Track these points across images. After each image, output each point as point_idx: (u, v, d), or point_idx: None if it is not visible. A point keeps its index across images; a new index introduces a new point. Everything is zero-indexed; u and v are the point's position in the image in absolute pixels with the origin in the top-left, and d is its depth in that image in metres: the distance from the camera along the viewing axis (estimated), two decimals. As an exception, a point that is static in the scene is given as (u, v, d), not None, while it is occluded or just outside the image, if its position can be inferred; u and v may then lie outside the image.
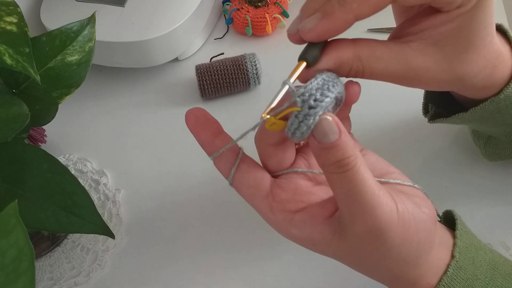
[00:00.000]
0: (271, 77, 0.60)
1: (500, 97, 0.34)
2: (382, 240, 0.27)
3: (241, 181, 0.30)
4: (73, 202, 0.38)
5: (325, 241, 0.29)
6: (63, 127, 0.59)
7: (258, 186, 0.30)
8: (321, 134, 0.26)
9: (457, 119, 0.39)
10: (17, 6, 0.36)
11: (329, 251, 0.30)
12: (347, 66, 0.28)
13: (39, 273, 0.48)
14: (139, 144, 0.57)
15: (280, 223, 0.30)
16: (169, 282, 0.47)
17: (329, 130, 0.26)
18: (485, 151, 0.46)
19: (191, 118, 0.31)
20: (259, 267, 0.46)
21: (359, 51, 0.28)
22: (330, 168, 0.26)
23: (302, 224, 0.29)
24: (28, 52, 0.35)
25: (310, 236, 0.29)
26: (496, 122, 0.38)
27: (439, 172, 0.50)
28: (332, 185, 0.27)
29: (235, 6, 0.64)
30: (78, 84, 0.41)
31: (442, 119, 0.40)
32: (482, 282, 0.30)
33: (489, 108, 0.35)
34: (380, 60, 0.28)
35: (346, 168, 0.26)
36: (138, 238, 0.50)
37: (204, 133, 0.31)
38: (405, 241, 0.28)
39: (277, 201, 0.30)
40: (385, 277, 0.31)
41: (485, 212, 0.46)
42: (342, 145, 0.26)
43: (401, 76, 0.29)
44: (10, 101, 0.37)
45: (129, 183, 0.54)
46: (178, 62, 0.64)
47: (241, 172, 0.30)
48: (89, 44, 0.41)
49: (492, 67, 0.32)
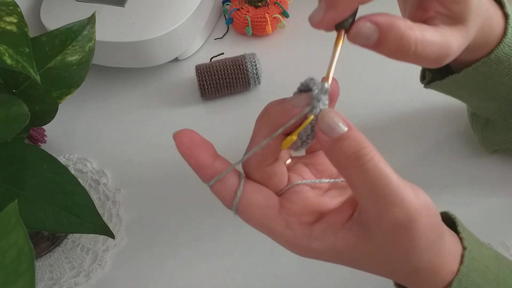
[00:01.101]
0: (271, 77, 0.60)
1: (491, 57, 0.36)
2: (413, 230, 0.26)
3: (250, 202, 0.28)
4: (73, 202, 0.38)
5: (350, 246, 0.27)
6: (63, 127, 0.59)
7: (269, 204, 0.28)
8: (330, 126, 0.25)
9: (450, 81, 0.39)
10: (17, 6, 0.36)
11: (354, 256, 0.28)
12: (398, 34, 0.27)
13: (39, 273, 0.48)
14: (139, 144, 0.57)
15: (299, 239, 0.28)
16: (169, 282, 0.47)
17: (337, 121, 0.25)
18: (482, 136, 0.46)
19: (186, 140, 0.28)
20: (259, 267, 0.46)
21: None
22: (348, 163, 0.25)
23: (323, 234, 0.28)
24: (28, 52, 0.35)
25: (333, 245, 0.27)
26: (490, 93, 0.39)
27: (439, 172, 0.50)
28: (353, 183, 0.26)
29: (235, 6, 0.64)
30: (78, 84, 0.41)
31: (436, 83, 0.40)
32: (493, 273, 0.30)
33: (481, 70, 0.37)
34: (429, 45, 0.28)
35: (366, 159, 0.25)
36: (138, 238, 0.50)
37: (203, 155, 0.28)
38: (430, 226, 0.27)
39: (292, 215, 0.28)
40: (408, 272, 0.30)
41: (485, 212, 0.46)
42: (354, 134, 0.25)
43: (440, 57, 0.29)
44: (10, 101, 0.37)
45: (129, 183, 0.54)
46: (178, 62, 0.64)
47: (248, 193, 0.28)
48: (89, 44, 0.41)
49: (486, 27, 0.34)
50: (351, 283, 0.44)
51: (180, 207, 0.51)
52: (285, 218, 0.28)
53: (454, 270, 0.30)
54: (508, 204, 0.47)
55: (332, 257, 0.28)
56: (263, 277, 0.46)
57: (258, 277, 0.46)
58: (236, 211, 0.28)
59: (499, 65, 0.36)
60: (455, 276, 0.29)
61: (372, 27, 0.27)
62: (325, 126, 0.25)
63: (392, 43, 0.27)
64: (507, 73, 0.37)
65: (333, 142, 0.25)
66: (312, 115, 0.26)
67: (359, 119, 0.53)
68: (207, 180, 0.28)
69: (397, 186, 0.25)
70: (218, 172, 0.28)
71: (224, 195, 0.28)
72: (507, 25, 0.35)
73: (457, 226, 0.32)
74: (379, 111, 0.55)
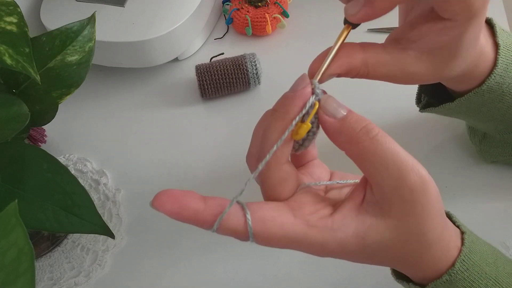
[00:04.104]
0: (271, 77, 0.60)
1: (483, 88, 0.36)
2: (427, 194, 0.27)
3: (264, 219, 0.26)
4: (73, 202, 0.38)
5: (372, 227, 0.27)
6: (63, 127, 0.59)
7: (281, 212, 0.27)
8: (333, 109, 0.27)
9: (444, 109, 0.40)
10: (17, 6, 0.36)
11: (376, 241, 0.28)
12: (355, 70, 0.30)
13: (39, 273, 0.48)
14: (139, 144, 0.57)
15: (324, 235, 0.27)
16: (169, 282, 0.47)
17: (338, 104, 0.28)
18: (480, 148, 0.47)
19: (168, 199, 0.26)
20: (259, 267, 0.46)
21: (367, 57, 0.30)
22: (360, 137, 0.26)
23: (343, 221, 0.27)
24: (28, 52, 0.35)
25: (356, 231, 0.27)
26: (484, 116, 0.39)
27: (439, 172, 0.49)
28: (367, 157, 0.27)
29: (235, 6, 0.64)
30: (78, 84, 0.41)
31: (431, 109, 0.41)
32: (492, 257, 0.31)
33: (474, 100, 0.37)
34: (383, 66, 0.31)
35: (375, 131, 0.27)
36: (138, 238, 0.50)
37: (193, 202, 0.26)
38: (437, 193, 0.28)
39: (309, 213, 0.28)
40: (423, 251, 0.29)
41: (485, 212, 0.46)
42: (357, 114, 0.27)
43: (398, 78, 0.32)
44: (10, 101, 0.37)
45: (129, 183, 0.54)
46: (178, 62, 0.64)
47: (256, 212, 0.26)
48: (89, 44, 0.41)
49: (474, 66, 0.34)
50: (351, 283, 0.44)
51: (180, 207, 0.51)
52: (304, 219, 0.27)
53: (458, 246, 0.30)
54: (508, 205, 0.47)
55: (357, 247, 0.28)
56: (263, 277, 0.46)
57: (258, 277, 0.46)
58: (253, 237, 0.26)
59: (491, 93, 0.37)
60: (458, 255, 0.30)
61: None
62: (330, 109, 0.27)
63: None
64: (500, 100, 0.37)
65: (340, 122, 0.27)
66: (317, 103, 0.27)
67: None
68: (210, 224, 0.26)
69: (406, 155, 0.27)
70: (217, 211, 0.26)
71: (235, 228, 0.26)
72: (498, 56, 0.35)
73: (452, 217, 0.33)
74: (379, 114, 0.55)
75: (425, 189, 0.27)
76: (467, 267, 0.30)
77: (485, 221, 0.46)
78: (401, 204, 0.27)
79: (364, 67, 0.30)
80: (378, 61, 0.30)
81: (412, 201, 0.27)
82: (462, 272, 0.30)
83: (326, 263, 0.45)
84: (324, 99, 0.28)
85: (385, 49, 0.31)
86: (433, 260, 0.30)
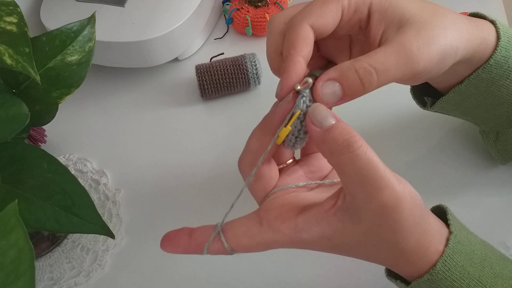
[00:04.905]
0: (271, 77, 0.59)
1: (490, 62, 0.36)
2: (400, 210, 0.28)
3: (236, 235, 0.31)
4: (73, 202, 0.38)
5: (338, 231, 0.29)
6: (63, 127, 0.59)
7: (248, 224, 0.31)
8: (320, 118, 0.28)
9: (455, 94, 0.39)
10: (17, 6, 0.36)
11: (345, 242, 0.30)
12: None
13: (39, 273, 0.48)
14: (139, 144, 0.57)
15: (289, 236, 0.30)
16: (169, 282, 0.47)
17: (327, 113, 0.28)
18: (496, 149, 0.46)
19: (166, 242, 0.33)
20: (259, 267, 0.46)
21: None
22: (340, 150, 0.27)
23: (307, 224, 0.30)
24: (28, 52, 0.35)
25: (321, 233, 0.30)
26: (494, 98, 0.39)
27: (439, 172, 0.50)
28: (344, 169, 0.28)
29: (235, 6, 0.64)
30: (78, 84, 0.41)
31: (442, 99, 0.41)
32: (479, 257, 0.31)
33: (482, 77, 0.37)
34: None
35: (356, 145, 0.27)
36: (138, 238, 0.50)
37: (182, 241, 0.33)
38: (414, 207, 0.29)
39: (273, 219, 0.31)
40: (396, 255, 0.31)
41: (485, 212, 0.46)
42: (343, 125, 0.28)
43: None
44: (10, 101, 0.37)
45: (129, 183, 0.54)
46: (178, 62, 0.64)
47: (228, 231, 0.32)
48: (89, 44, 0.41)
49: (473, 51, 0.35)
50: (351, 283, 0.44)
51: (180, 207, 0.51)
52: (269, 225, 0.30)
53: (440, 250, 0.31)
54: (508, 204, 0.47)
55: (325, 246, 0.31)
56: (263, 277, 0.46)
57: (258, 277, 0.46)
58: (232, 251, 0.31)
59: (498, 69, 0.37)
60: (440, 257, 0.31)
61: (330, 83, 0.30)
62: (318, 117, 0.28)
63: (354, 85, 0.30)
64: (507, 76, 0.37)
65: (324, 132, 0.28)
66: (299, 110, 0.29)
67: (359, 121, 0.53)
68: (200, 252, 0.32)
69: (384, 172, 0.27)
70: (200, 241, 0.32)
71: (218, 250, 0.32)
72: (498, 30, 0.36)
73: (447, 214, 0.33)
74: (378, 113, 0.55)
75: (397, 206, 0.28)
76: (448, 267, 0.30)
77: (485, 220, 0.46)
78: (372, 216, 0.28)
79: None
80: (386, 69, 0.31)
81: (383, 215, 0.28)
82: (444, 272, 0.30)
83: (327, 263, 0.45)
84: (313, 107, 0.29)
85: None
86: (409, 264, 0.31)
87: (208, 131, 0.57)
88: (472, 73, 0.37)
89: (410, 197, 0.28)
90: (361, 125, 0.54)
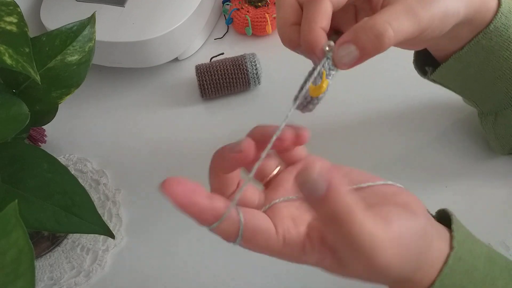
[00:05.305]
0: (271, 77, 0.60)
1: (490, 28, 0.36)
2: (385, 273, 0.27)
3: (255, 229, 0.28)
4: (73, 202, 0.38)
5: (334, 263, 0.29)
6: (63, 127, 0.59)
7: (268, 226, 0.29)
8: (312, 189, 0.24)
9: (455, 61, 0.40)
10: (17, 6, 0.36)
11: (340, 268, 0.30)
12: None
13: (39, 273, 0.48)
14: (139, 144, 0.57)
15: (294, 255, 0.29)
16: (169, 282, 0.47)
17: (316, 185, 0.24)
18: (495, 134, 0.46)
19: (180, 190, 0.27)
20: (259, 267, 0.46)
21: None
22: (326, 220, 0.26)
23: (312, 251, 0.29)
24: (28, 52, 0.35)
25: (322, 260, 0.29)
26: (493, 69, 0.39)
27: (439, 172, 0.50)
28: (328, 232, 0.28)
29: (235, 6, 0.64)
30: (78, 84, 0.41)
31: (442, 65, 0.41)
32: (481, 273, 0.31)
33: (482, 43, 0.38)
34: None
35: (342, 217, 0.25)
36: (138, 238, 0.50)
37: (201, 201, 0.27)
38: (404, 260, 0.28)
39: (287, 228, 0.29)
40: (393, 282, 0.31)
41: (485, 212, 0.46)
42: (333, 195, 0.24)
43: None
44: (10, 101, 0.37)
45: (129, 183, 0.54)
46: (178, 62, 0.64)
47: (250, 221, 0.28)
48: (89, 44, 0.41)
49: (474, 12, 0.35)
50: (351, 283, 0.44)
51: (180, 207, 0.51)
52: (283, 236, 0.29)
53: (439, 268, 0.30)
54: (508, 203, 0.47)
55: (324, 267, 0.30)
56: (263, 277, 0.46)
57: (258, 277, 0.46)
58: (240, 242, 0.28)
59: (498, 37, 0.37)
60: (437, 276, 0.30)
61: (346, 46, 0.30)
62: (307, 189, 0.24)
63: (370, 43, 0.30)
64: (507, 47, 0.38)
65: (316, 200, 0.24)
66: (324, 71, 0.30)
67: (358, 116, 0.53)
68: (209, 224, 0.27)
69: (369, 235, 0.25)
70: (219, 212, 0.27)
71: (228, 231, 0.28)
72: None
73: (452, 223, 0.33)
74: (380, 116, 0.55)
75: (382, 272, 0.27)
76: (446, 285, 0.30)
77: (485, 220, 0.46)
78: (357, 271, 0.28)
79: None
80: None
81: (365, 273, 0.28)
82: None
83: (326, 263, 0.45)
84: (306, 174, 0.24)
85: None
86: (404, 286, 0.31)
87: (208, 131, 0.57)
88: (473, 39, 0.38)
89: (400, 248, 0.27)
90: (360, 123, 0.54)
